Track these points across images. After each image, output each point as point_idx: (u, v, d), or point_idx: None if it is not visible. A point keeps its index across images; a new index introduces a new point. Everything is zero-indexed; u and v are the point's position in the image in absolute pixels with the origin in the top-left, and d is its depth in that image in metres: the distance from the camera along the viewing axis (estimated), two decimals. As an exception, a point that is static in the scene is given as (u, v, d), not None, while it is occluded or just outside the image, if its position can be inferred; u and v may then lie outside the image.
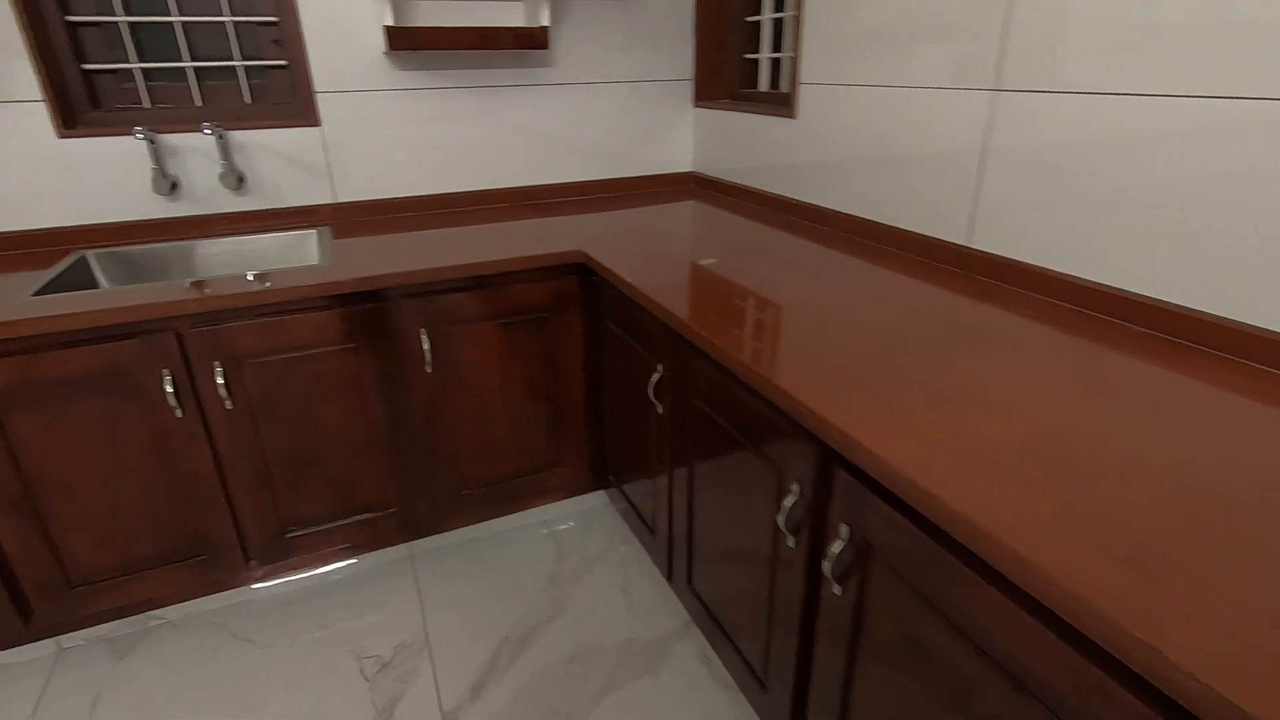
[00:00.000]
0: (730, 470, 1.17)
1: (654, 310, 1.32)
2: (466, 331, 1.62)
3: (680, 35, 2.20)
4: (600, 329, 1.69)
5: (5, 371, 1.27)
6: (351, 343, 1.52)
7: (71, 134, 1.69)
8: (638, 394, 1.52)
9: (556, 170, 2.21)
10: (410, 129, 1.99)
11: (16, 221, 1.70)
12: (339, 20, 1.82)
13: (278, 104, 1.92)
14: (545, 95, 2.11)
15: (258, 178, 1.88)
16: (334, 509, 1.65)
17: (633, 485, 1.71)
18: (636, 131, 2.27)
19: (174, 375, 1.39)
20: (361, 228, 1.91)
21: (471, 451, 1.74)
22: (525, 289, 1.63)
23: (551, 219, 1.96)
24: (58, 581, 1.45)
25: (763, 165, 2.02)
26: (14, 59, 1.59)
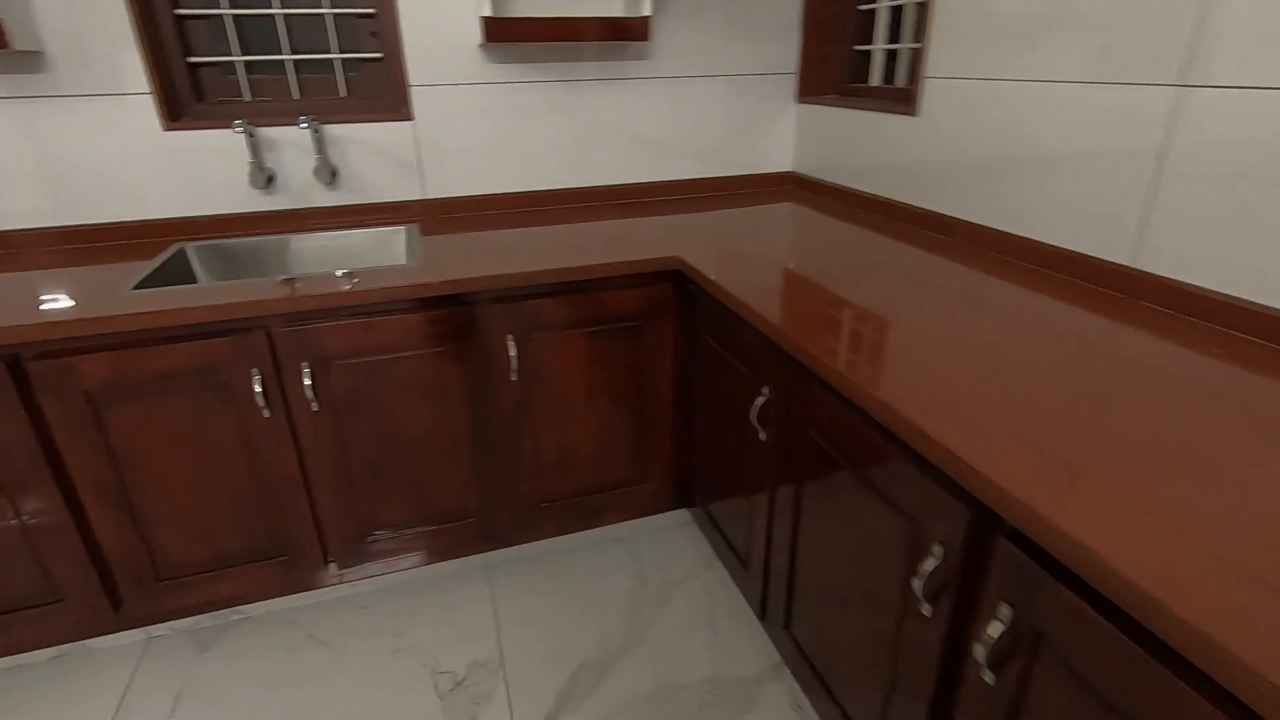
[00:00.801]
0: (850, 516, 1.04)
1: (761, 327, 1.20)
2: (554, 339, 1.54)
3: (786, 25, 2.05)
4: (694, 341, 1.58)
5: (106, 365, 1.27)
6: (438, 347, 1.46)
7: (176, 126, 1.70)
8: (735, 415, 1.40)
9: (648, 168, 2.10)
10: (501, 124, 1.92)
11: (122, 212, 1.73)
12: (436, 11, 1.76)
13: (372, 97, 1.89)
14: (641, 89, 2.00)
15: (350, 172, 1.85)
16: (413, 515, 1.61)
17: (721, 510, 1.59)
18: (733, 128, 2.14)
19: (263, 375, 1.36)
20: (449, 225, 1.86)
21: (553, 463, 1.66)
22: (617, 296, 1.54)
23: (642, 220, 1.86)
24: (147, 574, 1.46)
25: (873, 166, 1.85)
26: (125, 52, 1.61)
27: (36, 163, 1.64)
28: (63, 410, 1.28)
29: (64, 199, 1.68)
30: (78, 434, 1.31)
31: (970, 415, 0.85)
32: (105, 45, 1.59)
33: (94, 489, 1.36)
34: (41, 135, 1.62)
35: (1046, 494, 0.70)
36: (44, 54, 1.56)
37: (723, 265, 1.45)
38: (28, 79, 1.57)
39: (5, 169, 1.62)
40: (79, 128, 1.63)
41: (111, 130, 1.66)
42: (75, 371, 1.26)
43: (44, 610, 1.42)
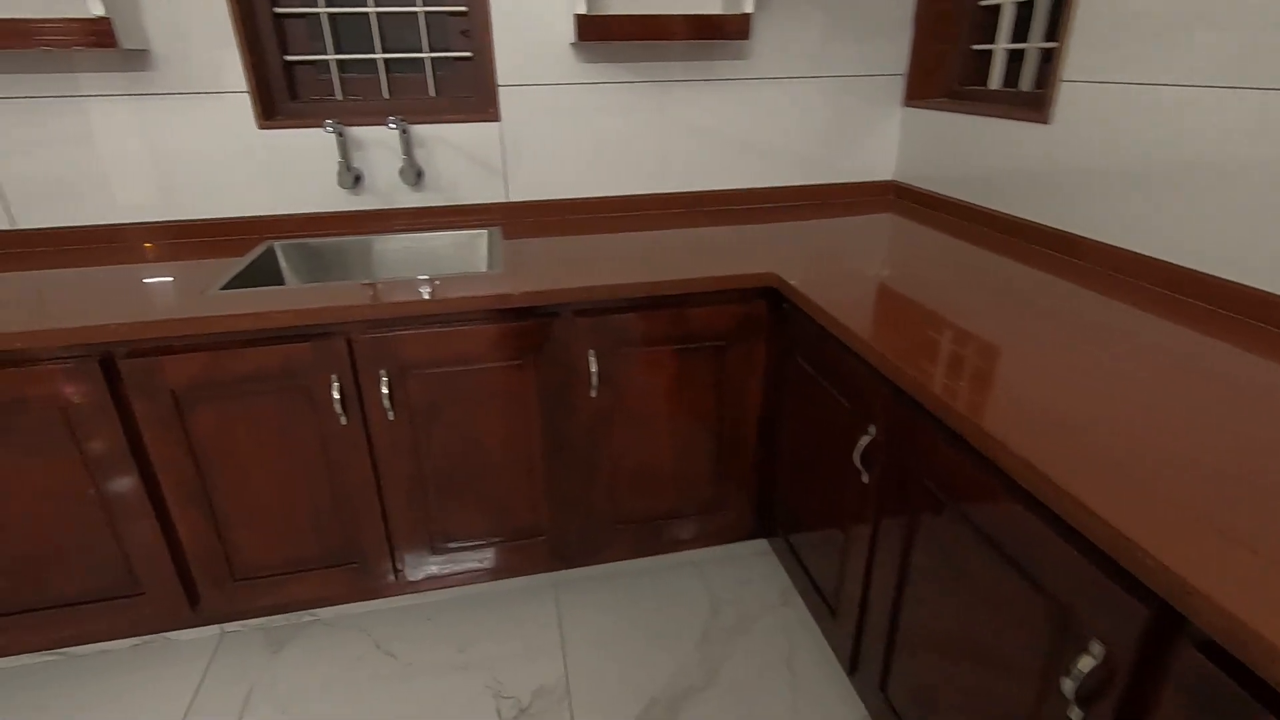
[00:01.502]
0: (977, 584, 0.91)
1: (870, 357, 1.08)
2: (637, 355, 1.46)
3: (896, 23, 1.90)
4: (785, 364, 1.47)
5: (193, 366, 1.27)
6: (516, 359, 1.41)
7: (270, 125, 1.70)
8: (833, 450, 1.28)
9: (740, 174, 2.00)
10: (589, 126, 1.86)
11: (217, 208, 1.75)
12: (528, 9, 1.71)
13: (460, 97, 1.85)
14: (736, 91, 1.90)
15: (435, 173, 1.82)
16: (483, 529, 1.56)
17: (806, 545, 1.48)
18: (832, 133, 2.00)
19: (341, 382, 1.34)
20: (532, 229, 1.80)
21: (629, 483, 1.59)
22: (706, 312, 1.44)
23: (731, 228, 1.76)
24: (224, 573, 1.46)
25: (989, 177, 1.69)
26: (225, 50, 1.62)
27: (143, 158, 1.67)
28: (151, 409, 1.29)
29: (166, 194, 1.71)
30: (164, 433, 1.31)
31: (1130, 481, 0.71)
32: (207, 44, 1.60)
33: (177, 487, 1.36)
34: (147, 131, 1.65)
35: (1256, 598, 0.56)
36: (150, 52, 1.59)
37: (823, 284, 1.34)
38: (135, 76, 1.60)
39: (117, 163, 1.66)
40: (180, 125, 1.66)
41: (210, 128, 1.67)
42: (163, 371, 1.26)
43: (126, 602, 1.44)
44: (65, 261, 1.58)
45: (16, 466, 1.28)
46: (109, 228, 1.70)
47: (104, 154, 1.65)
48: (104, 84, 1.59)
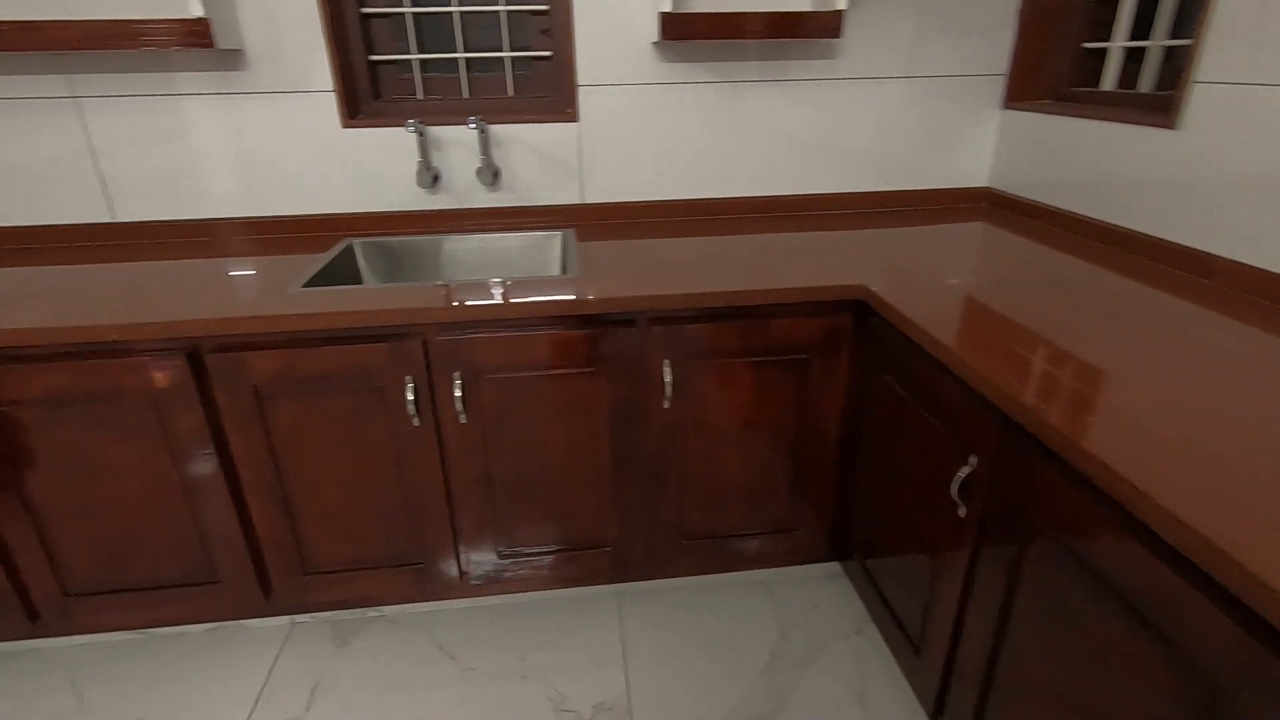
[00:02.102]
0: (1095, 637, 0.82)
1: (974, 382, 0.99)
2: (714, 367, 1.40)
3: (998, 21, 1.78)
4: (872, 383, 1.38)
5: (274, 362, 1.28)
6: (589, 367, 1.37)
7: (354, 124, 1.72)
8: (924, 479, 1.20)
9: (821, 178, 1.91)
10: (667, 127, 1.81)
11: (301, 205, 1.78)
12: (611, 7, 1.67)
13: (538, 97, 1.83)
14: (821, 91, 1.81)
15: (511, 174, 1.81)
16: (549, 536, 1.54)
17: (885, 573, 1.39)
18: (922, 137, 1.90)
19: (416, 383, 1.33)
20: (606, 231, 1.77)
21: (699, 499, 1.53)
22: (788, 325, 1.38)
23: (815, 235, 1.68)
24: (296, 566, 1.48)
25: (1100, 186, 1.56)
26: (314, 50, 1.64)
27: (233, 155, 1.71)
28: (233, 402, 1.31)
29: (253, 190, 1.75)
30: (245, 426, 1.33)
31: (1319, 555, 0.62)
32: (297, 44, 1.63)
33: (255, 480, 1.38)
34: (238, 129, 1.69)
35: None
36: (244, 52, 1.63)
37: (918, 298, 1.25)
38: (228, 76, 1.64)
39: (209, 160, 1.71)
40: (269, 123, 1.69)
41: (297, 126, 1.70)
42: (247, 366, 1.28)
43: (204, 589, 1.47)
44: (159, 254, 1.64)
45: (111, 453, 1.33)
46: (199, 222, 1.76)
47: (197, 151, 1.70)
48: (199, 83, 1.64)
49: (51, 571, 1.41)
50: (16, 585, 1.42)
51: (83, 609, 1.46)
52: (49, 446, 1.30)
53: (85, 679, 1.50)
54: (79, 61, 1.60)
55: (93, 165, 1.69)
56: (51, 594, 1.43)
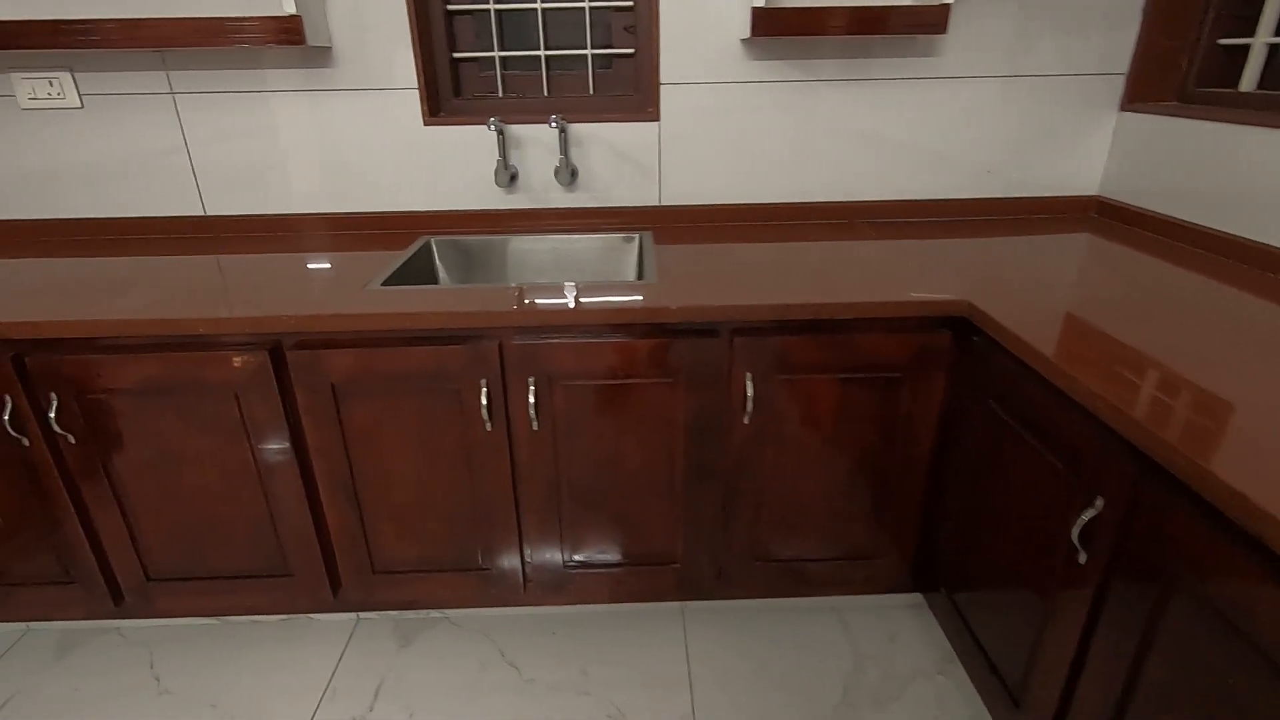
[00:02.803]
0: (1250, 716, 0.72)
1: (1104, 414, 0.89)
2: (798, 382, 1.33)
3: (1119, 15, 1.64)
4: (973, 407, 1.28)
5: (352, 360, 1.27)
6: (667, 377, 1.32)
7: (435, 121, 1.71)
8: (1036, 517, 1.09)
9: (913, 183, 1.80)
10: (751, 128, 1.73)
11: (381, 203, 1.79)
12: (699, 2, 1.61)
13: (618, 95, 1.79)
14: (917, 91, 1.71)
15: (589, 173, 1.77)
16: (616, 549, 1.49)
17: (979, 614, 1.29)
18: (1026, 140, 1.76)
19: (490, 387, 1.30)
20: (684, 234, 1.71)
21: (775, 519, 1.46)
22: (881, 340, 1.29)
23: (906, 244, 1.58)
24: (364, 565, 1.48)
25: (1237, 197, 1.41)
26: (399, 47, 1.64)
27: (318, 152, 1.73)
28: (311, 399, 1.31)
29: (336, 186, 1.77)
30: (321, 424, 1.33)
31: None
32: (384, 41, 1.63)
33: (329, 478, 1.39)
34: (323, 126, 1.71)
35: None
36: (331, 49, 1.64)
37: (1028, 317, 1.14)
38: (315, 73, 1.65)
39: (295, 156, 1.73)
40: (353, 120, 1.70)
41: (380, 123, 1.71)
42: (325, 363, 1.28)
43: (276, 581, 1.49)
44: (244, 247, 1.67)
45: (194, 443, 1.35)
46: (283, 217, 1.78)
47: (283, 147, 1.72)
48: (287, 80, 1.66)
49: (136, 556, 1.45)
50: (104, 568, 1.46)
51: (162, 594, 1.50)
52: (137, 434, 1.33)
53: (162, 660, 1.54)
54: (176, 58, 1.64)
55: (187, 160, 1.73)
56: (135, 578, 1.47)
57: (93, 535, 1.43)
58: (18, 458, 1.34)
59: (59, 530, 1.41)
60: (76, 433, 1.32)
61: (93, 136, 1.70)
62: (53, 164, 1.72)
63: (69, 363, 1.26)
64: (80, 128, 1.69)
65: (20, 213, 1.77)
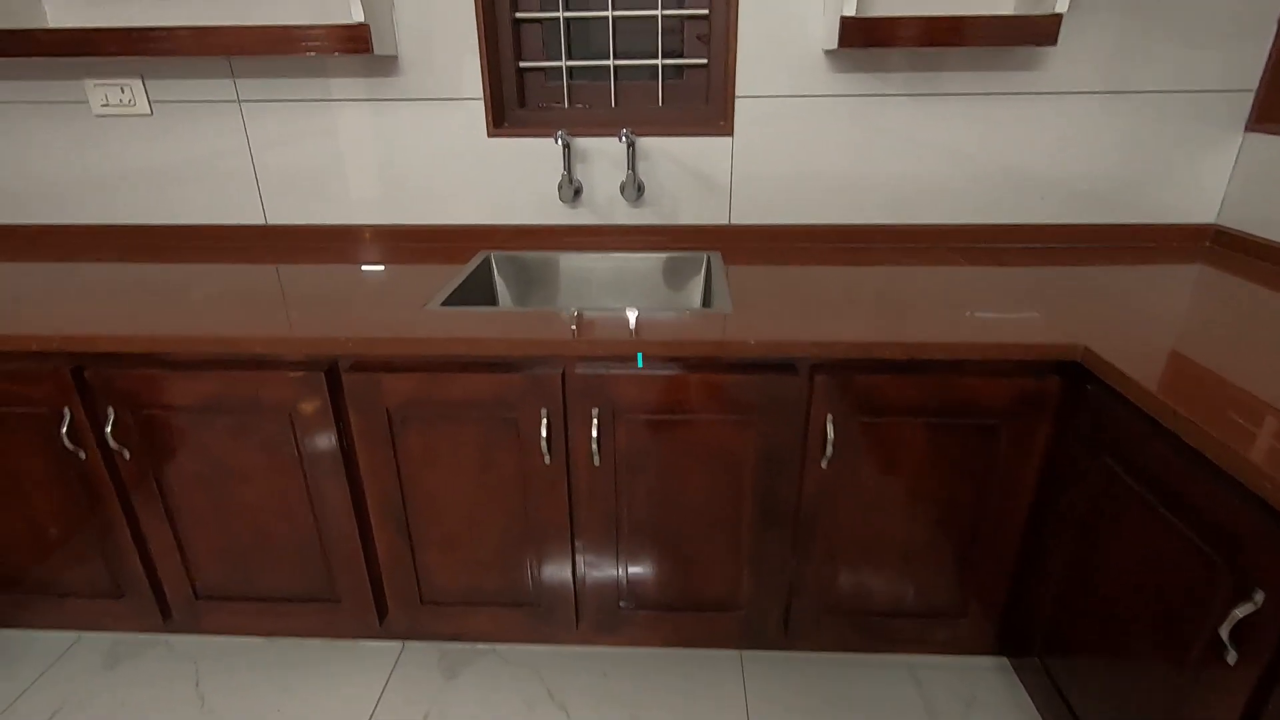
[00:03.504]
0: None
1: (1270, 494, 0.76)
2: (883, 425, 1.21)
3: (1250, 26, 1.48)
4: (1085, 463, 1.15)
5: (408, 385, 1.22)
6: (740, 414, 1.22)
7: (499, 133, 1.66)
8: (1166, 600, 0.96)
9: (1004, 206, 1.67)
10: (831, 143, 1.63)
11: (442, 215, 1.74)
12: (782, 10, 1.51)
13: (688, 107, 1.70)
14: (1014, 107, 1.58)
15: (656, 189, 1.69)
16: (674, 593, 1.40)
17: (1080, 684, 1.16)
18: (1135, 161, 1.61)
19: (550, 418, 1.23)
20: (755, 255, 1.61)
21: (849, 570, 1.35)
22: (977, 383, 1.17)
23: (996, 271, 1.45)
24: (412, 594, 1.42)
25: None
26: (465, 56, 1.58)
27: (380, 163, 1.69)
28: (366, 423, 1.26)
29: (398, 198, 1.73)
30: (374, 448, 1.28)
31: None
32: (450, 50, 1.58)
33: (380, 504, 1.33)
34: (387, 136, 1.67)
35: None
36: (397, 58, 1.59)
37: (1155, 364, 1.01)
38: (380, 82, 1.61)
39: (356, 167, 1.69)
40: (416, 130, 1.66)
41: (443, 134, 1.66)
42: (382, 387, 1.22)
43: (322, 606, 1.45)
44: (304, 257, 1.64)
45: (246, 462, 1.31)
46: (344, 228, 1.75)
47: (346, 157, 1.69)
48: (351, 89, 1.62)
49: (185, 573, 1.42)
50: (154, 583, 1.44)
51: (210, 611, 1.47)
52: (191, 451, 1.30)
53: (208, 677, 1.51)
54: (244, 66, 1.62)
55: (251, 168, 1.71)
56: (183, 594, 1.45)
57: (143, 550, 1.41)
58: (73, 470, 1.32)
59: (111, 543, 1.39)
60: (131, 447, 1.29)
61: (160, 143, 1.70)
62: (121, 170, 1.73)
63: (127, 377, 1.23)
64: (149, 134, 1.69)
65: (88, 217, 1.78)
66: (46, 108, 1.67)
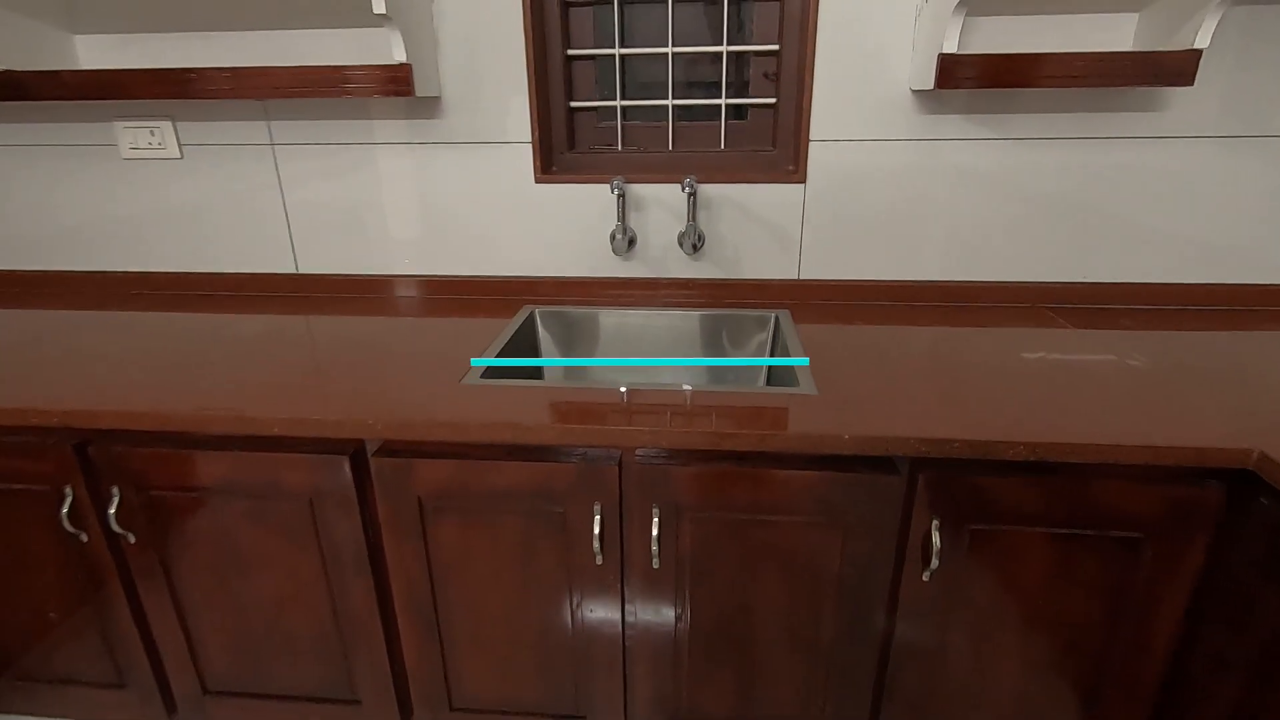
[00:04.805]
0: None
1: None
2: (1000, 535, 1.02)
3: None
4: (1250, 588, 0.94)
5: (441, 473, 1.07)
6: (826, 516, 1.04)
7: (547, 178, 1.52)
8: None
9: (1115, 263, 1.48)
10: (915, 192, 1.46)
11: (485, 266, 1.61)
12: (864, 46, 1.36)
13: (754, 150, 1.55)
14: (1130, 152, 1.39)
15: (717, 240, 1.53)
16: (739, 713, 1.21)
17: None
18: (1269, 215, 1.41)
19: (604, 513, 1.06)
20: (828, 313, 1.44)
21: (950, 700, 1.14)
22: (1119, 489, 0.97)
23: (1109, 337, 1.26)
24: (441, 699, 1.26)
25: None
26: (514, 97, 1.46)
27: (419, 209, 1.57)
28: (394, 512, 1.11)
29: (437, 247, 1.60)
30: (403, 540, 1.13)
31: None
32: (496, 90, 1.46)
33: (407, 599, 1.18)
34: (428, 182, 1.55)
35: None
36: (441, 99, 1.47)
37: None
38: (422, 124, 1.50)
39: (396, 212, 1.58)
40: (459, 176, 1.53)
41: (488, 180, 1.53)
42: (412, 474, 1.07)
43: (341, 707, 1.29)
44: (337, 308, 1.52)
45: (262, 550, 1.17)
46: (378, 278, 1.63)
47: (383, 203, 1.57)
48: (390, 132, 1.51)
49: (193, 666, 1.28)
50: (159, 675, 1.30)
51: (218, 707, 1.32)
52: (202, 536, 1.17)
53: (214, 778, 1.36)
54: (278, 108, 1.51)
55: (283, 214, 1.60)
56: (190, 688, 1.31)
57: (148, 639, 1.27)
58: (75, 554, 1.19)
59: (114, 632, 1.26)
60: (137, 530, 1.16)
61: (190, 188, 1.60)
62: (149, 215, 1.63)
63: (133, 455, 1.11)
64: (178, 178, 1.60)
65: (113, 264, 1.69)
66: (74, 150, 1.59)
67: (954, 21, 1.18)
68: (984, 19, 1.33)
